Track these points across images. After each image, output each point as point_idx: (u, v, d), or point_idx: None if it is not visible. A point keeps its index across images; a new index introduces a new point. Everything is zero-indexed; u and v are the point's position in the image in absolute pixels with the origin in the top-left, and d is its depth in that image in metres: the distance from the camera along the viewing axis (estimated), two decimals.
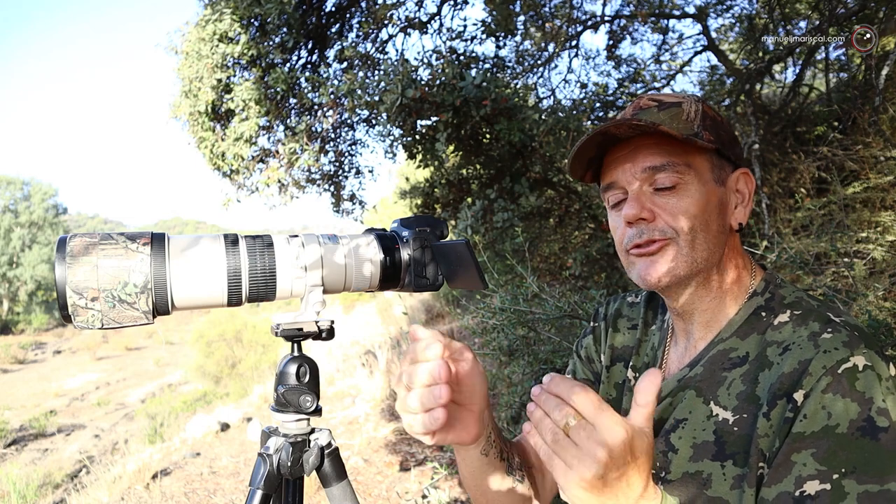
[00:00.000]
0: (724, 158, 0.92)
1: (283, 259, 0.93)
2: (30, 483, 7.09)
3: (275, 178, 5.90)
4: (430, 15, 5.92)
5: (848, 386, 0.74)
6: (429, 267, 1.03)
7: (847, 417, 0.72)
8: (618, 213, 0.94)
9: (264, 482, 0.95)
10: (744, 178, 0.93)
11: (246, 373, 13.47)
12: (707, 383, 0.88)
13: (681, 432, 0.88)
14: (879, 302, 2.37)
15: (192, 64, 5.54)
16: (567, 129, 4.61)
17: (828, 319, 0.81)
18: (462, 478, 0.99)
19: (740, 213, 0.93)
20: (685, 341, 0.98)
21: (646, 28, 6.20)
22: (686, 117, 0.89)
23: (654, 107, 0.91)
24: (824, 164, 3.94)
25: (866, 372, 0.74)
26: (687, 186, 0.87)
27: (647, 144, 0.88)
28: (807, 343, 0.79)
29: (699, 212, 0.87)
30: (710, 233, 0.88)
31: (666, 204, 0.88)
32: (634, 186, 0.90)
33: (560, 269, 4.84)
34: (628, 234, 0.91)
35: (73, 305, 0.79)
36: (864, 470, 0.70)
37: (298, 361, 0.98)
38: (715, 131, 0.90)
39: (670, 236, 0.87)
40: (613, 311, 1.15)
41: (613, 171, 0.92)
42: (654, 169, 0.88)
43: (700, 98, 0.93)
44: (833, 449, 0.72)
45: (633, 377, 1.04)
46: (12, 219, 46.27)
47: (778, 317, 0.87)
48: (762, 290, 0.92)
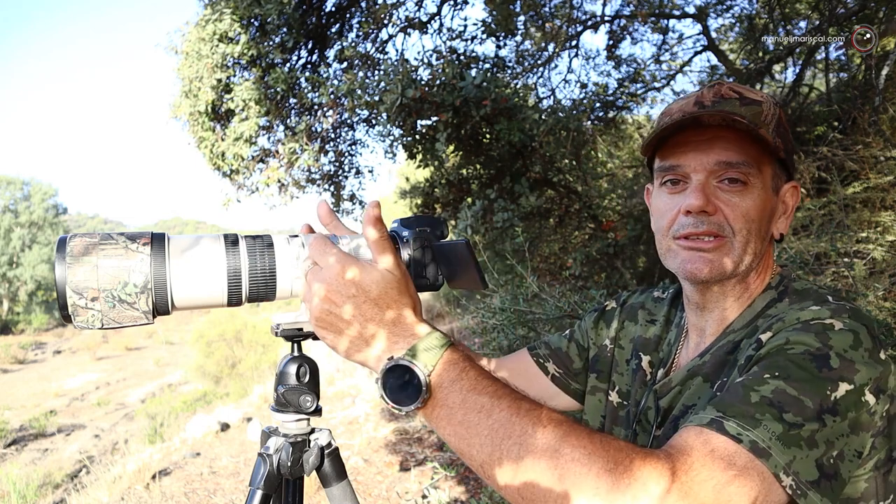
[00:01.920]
0: (783, 169, 0.92)
1: (284, 259, 0.93)
2: (30, 483, 7.08)
3: (275, 178, 5.90)
4: (430, 15, 5.92)
5: (815, 331, 0.73)
6: (429, 267, 1.03)
7: (803, 346, 0.72)
8: (670, 195, 0.92)
9: (264, 482, 0.95)
10: (792, 191, 0.94)
11: (246, 373, 13.47)
12: (713, 369, 0.89)
13: (689, 417, 0.88)
14: (879, 302, 2.37)
15: (192, 64, 5.54)
16: (567, 129, 4.61)
17: (825, 300, 0.81)
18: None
19: (783, 224, 0.93)
20: (698, 338, 0.98)
21: (646, 28, 6.21)
22: (765, 118, 0.88)
23: (735, 98, 0.89)
24: (824, 164, 3.94)
25: (841, 331, 0.73)
26: (753, 188, 0.87)
27: (726, 137, 0.87)
28: (791, 311, 0.80)
29: (757, 216, 0.87)
30: (759, 238, 0.88)
31: (730, 201, 0.87)
32: (701, 176, 0.88)
33: (560, 269, 4.84)
34: (681, 222, 0.89)
35: (73, 305, 0.79)
36: (794, 379, 0.69)
37: (298, 361, 0.98)
38: (785, 139, 0.90)
39: (727, 235, 0.87)
40: (636, 303, 1.15)
41: (682, 154, 0.89)
42: (727, 164, 0.86)
43: (779, 102, 0.92)
44: (778, 362, 0.72)
45: (650, 371, 1.04)
46: (12, 219, 46.27)
47: (783, 302, 0.88)
48: (776, 283, 0.93)
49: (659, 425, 0.94)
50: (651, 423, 0.95)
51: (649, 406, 0.97)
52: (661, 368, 1.02)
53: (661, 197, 0.94)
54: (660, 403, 0.95)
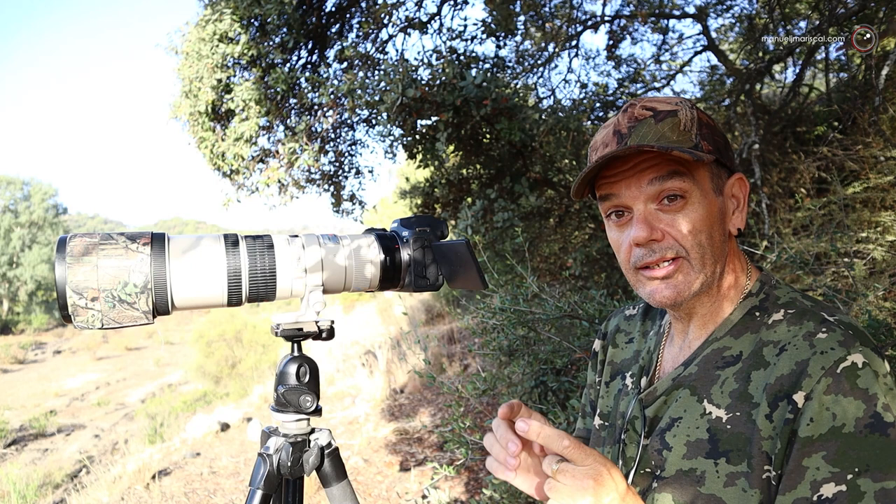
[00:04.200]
0: (721, 166, 0.91)
1: (284, 260, 0.93)
2: (30, 483, 7.09)
3: (275, 178, 5.89)
4: (430, 15, 5.91)
5: (849, 385, 0.74)
6: (429, 267, 1.03)
7: (853, 416, 0.72)
8: (618, 229, 0.92)
9: (264, 482, 0.95)
10: (738, 184, 0.93)
11: (246, 373, 13.47)
12: (701, 382, 0.89)
13: (675, 430, 0.89)
14: (879, 302, 2.38)
15: (192, 64, 5.54)
16: (567, 129, 4.61)
17: (822, 319, 0.81)
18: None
19: (738, 219, 0.92)
20: (681, 341, 0.98)
21: (646, 28, 6.20)
22: (683, 127, 0.87)
23: (649, 117, 0.88)
24: (824, 164, 3.94)
25: (865, 369, 0.74)
26: (693, 199, 0.86)
27: (650, 159, 0.87)
28: (802, 343, 0.80)
29: (705, 226, 0.87)
30: (714, 245, 0.88)
31: (673, 221, 0.87)
32: (640, 206, 0.88)
33: (560, 269, 4.84)
34: (636, 254, 0.89)
35: (73, 305, 0.79)
36: (877, 467, 0.70)
37: (298, 361, 0.98)
38: (711, 139, 0.89)
39: (681, 255, 0.87)
40: (613, 328, 1.17)
41: (614, 184, 0.90)
42: (660, 186, 0.86)
43: (692, 102, 0.91)
44: (843, 449, 0.72)
45: (630, 384, 1.05)
46: (12, 219, 46.28)
47: (772, 316, 0.87)
48: (757, 290, 0.92)
49: (647, 434, 0.94)
50: (639, 433, 0.95)
51: (636, 415, 0.97)
52: (644, 377, 1.02)
53: (612, 231, 0.94)
54: (646, 413, 0.95)
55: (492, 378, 3.09)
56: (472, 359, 6.79)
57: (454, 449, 3.21)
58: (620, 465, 0.97)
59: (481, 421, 4.21)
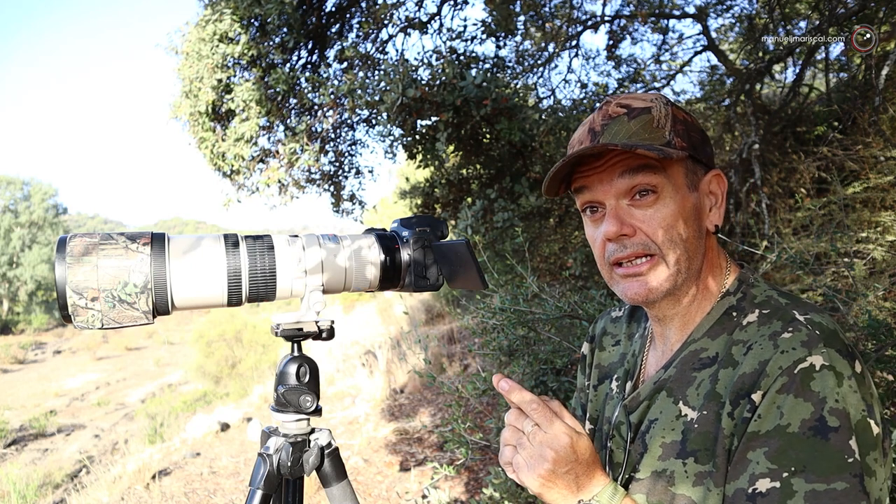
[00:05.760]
0: (696, 163, 0.90)
1: (284, 260, 0.93)
2: (30, 483, 7.09)
3: (275, 179, 5.89)
4: (430, 15, 5.91)
5: (801, 386, 0.74)
6: (429, 267, 1.03)
7: (800, 417, 0.73)
8: (593, 224, 0.93)
9: (264, 482, 0.95)
10: (716, 180, 0.92)
11: (246, 373, 13.47)
12: (678, 384, 0.89)
13: (653, 432, 0.89)
14: (879, 302, 2.38)
15: (192, 64, 5.54)
16: (567, 129, 4.61)
17: (792, 318, 0.81)
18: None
19: (715, 216, 0.92)
20: (662, 344, 0.98)
21: (646, 28, 6.20)
22: (657, 124, 0.87)
23: (623, 114, 0.88)
24: (824, 164, 3.94)
25: (823, 371, 0.74)
26: (665, 195, 0.86)
27: (620, 155, 0.87)
28: (767, 343, 0.80)
29: (677, 222, 0.86)
30: (688, 241, 0.88)
31: (644, 216, 0.87)
32: (612, 201, 0.88)
33: (560, 269, 4.84)
34: (609, 249, 0.90)
35: (73, 305, 0.79)
36: (812, 469, 0.71)
37: (298, 361, 0.98)
38: (686, 135, 0.88)
39: (652, 251, 0.87)
40: (599, 331, 1.17)
41: (586, 179, 0.91)
42: (631, 181, 0.86)
43: (668, 99, 0.91)
44: (784, 448, 0.73)
45: (616, 388, 1.05)
46: (12, 219, 46.28)
47: (747, 317, 0.87)
48: (734, 289, 0.92)
49: (633, 440, 0.94)
50: (625, 438, 0.95)
51: (621, 421, 0.97)
52: (628, 381, 1.02)
53: (588, 227, 0.95)
54: (630, 419, 0.95)
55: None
56: (472, 359, 6.79)
57: (454, 449, 3.21)
58: (608, 471, 0.97)
59: (481, 421, 4.20)
